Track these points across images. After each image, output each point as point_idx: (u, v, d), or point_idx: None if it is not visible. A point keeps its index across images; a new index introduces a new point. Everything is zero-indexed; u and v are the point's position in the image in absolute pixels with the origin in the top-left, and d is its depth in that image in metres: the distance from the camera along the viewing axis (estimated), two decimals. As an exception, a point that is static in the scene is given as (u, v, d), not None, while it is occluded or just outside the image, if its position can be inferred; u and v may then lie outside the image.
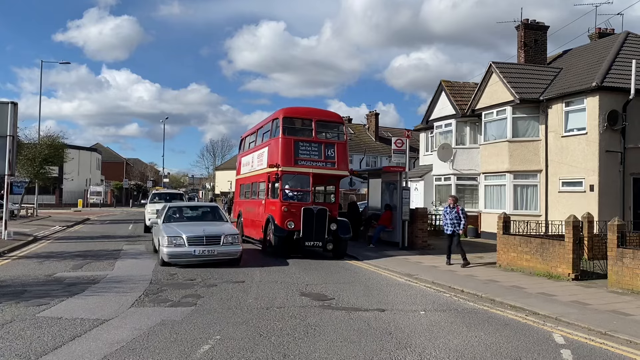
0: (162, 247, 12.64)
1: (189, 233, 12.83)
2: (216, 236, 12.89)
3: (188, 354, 5.98)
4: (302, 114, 17.14)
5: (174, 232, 12.87)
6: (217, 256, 12.75)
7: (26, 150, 31.60)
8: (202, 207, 16.73)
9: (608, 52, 20.04)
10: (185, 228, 13.31)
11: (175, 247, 12.51)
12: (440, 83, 26.37)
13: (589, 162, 18.31)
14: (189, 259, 12.60)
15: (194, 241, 12.63)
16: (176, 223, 14.10)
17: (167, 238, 12.58)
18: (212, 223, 14.53)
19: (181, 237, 12.62)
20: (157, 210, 20.59)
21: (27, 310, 7.89)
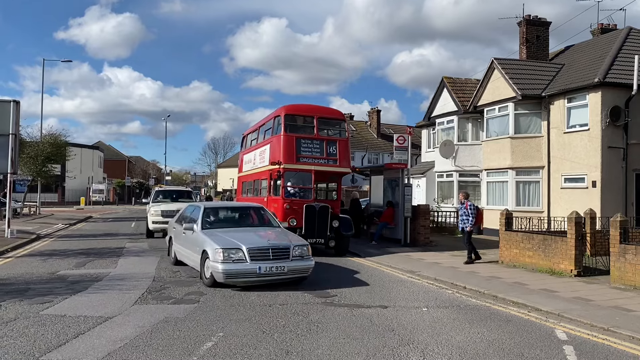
0: (214, 263, 9.50)
1: (251, 244, 9.78)
2: (284, 248, 9.94)
3: (191, 351, 6.00)
4: (303, 111, 17.13)
5: (228, 242, 9.81)
6: (286, 274, 9.78)
7: (29, 148, 31.68)
8: (245, 207, 13.20)
9: (610, 48, 19.99)
10: (239, 236, 10.27)
11: (234, 264, 9.44)
12: (442, 79, 26.34)
13: (592, 158, 18.27)
14: (252, 279, 9.59)
15: (257, 255, 9.64)
16: (221, 229, 11.07)
17: (222, 251, 9.48)
18: (267, 230, 11.52)
19: (240, 249, 9.58)
20: (163, 211, 19.18)
21: (31, 308, 7.92)
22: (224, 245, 9.67)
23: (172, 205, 19.73)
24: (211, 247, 9.80)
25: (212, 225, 11.41)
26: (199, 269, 10.44)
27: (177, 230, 12.44)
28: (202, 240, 10.39)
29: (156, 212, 19.57)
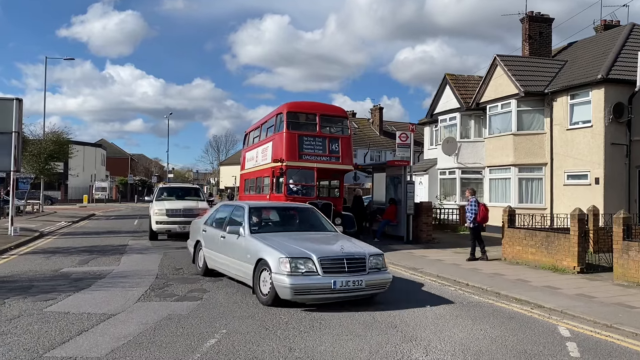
0: (278, 276, 7.84)
1: (322, 252, 8.16)
2: (360, 258, 8.32)
3: (194, 348, 6.02)
4: (306, 108, 17.13)
5: (294, 251, 8.15)
6: (364, 290, 8.13)
7: (31, 146, 31.73)
8: (295, 208, 11.30)
9: (613, 44, 19.92)
10: (303, 243, 8.69)
11: (304, 277, 7.81)
12: (445, 76, 26.30)
13: (595, 155, 18.24)
14: (325, 296, 7.94)
15: (331, 266, 7.99)
16: (274, 234, 9.37)
17: (289, 261, 7.85)
18: (327, 234, 9.88)
19: (311, 259, 7.93)
20: (168, 210, 17.79)
21: (35, 305, 7.95)
22: (290, 254, 7.98)
23: (179, 204, 18.56)
24: (273, 255, 8.06)
25: (261, 228, 9.72)
26: (247, 281, 8.83)
27: (209, 234, 10.71)
28: (255, 247, 8.66)
29: (160, 211, 17.86)
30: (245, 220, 9.46)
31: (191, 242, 11.98)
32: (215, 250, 10.28)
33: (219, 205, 12.02)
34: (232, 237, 9.47)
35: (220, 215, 11.04)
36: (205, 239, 10.93)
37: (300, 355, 5.86)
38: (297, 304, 8.04)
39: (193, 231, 12.16)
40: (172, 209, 17.95)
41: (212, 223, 10.98)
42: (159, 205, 18.30)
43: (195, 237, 11.62)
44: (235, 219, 9.94)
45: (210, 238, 10.66)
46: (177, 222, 17.65)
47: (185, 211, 17.85)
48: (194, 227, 12.17)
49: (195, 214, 16.75)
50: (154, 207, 18.36)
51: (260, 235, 9.12)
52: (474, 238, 13.99)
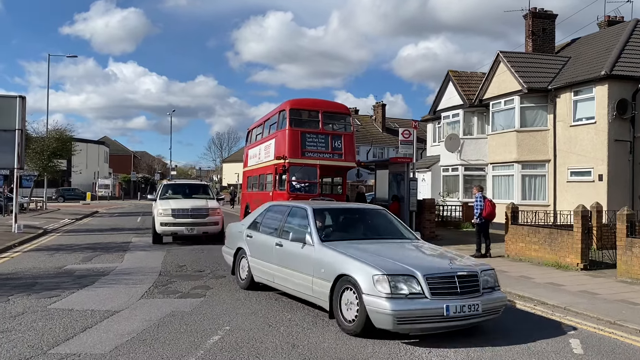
0: (374, 299, 6.12)
1: (427, 268, 6.47)
2: (472, 275, 6.63)
3: (198, 345, 6.03)
4: (308, 105, 17.13)
5: (391, 265, 6.44)
6: (480, 316, 6.47)
7: (35, 143, 31.84)
8: (366, 211, 9.32)
9: (617, 40, 19.85)
10: (397, 256, 7.00)
11: (408, 302, 6.10)
12: (448, 73, 26.25)
13: (598, 152, 18.19)
14: (435, 325, 6.28)
15: (440, 286, 6.29)
16: (350, 242, 7.56)
17: (388, 279, 6.15)
18: (412, 244, 8.14)
19: (414, 276, 6.24)
20: (174, 209, 15.69)
21: (39, 302, 7.97)
22: (388, 270, 6.25)
23: (186, 203, 16.42)
24: (363, 271, 6.34)
25: (331, 236, 7.90)
26: (319, 301, 7.14)
27: (257, 240, 8.97)
28: (333, 259, 6.94)
29: (165, 211, 15.71)
30: (311, 226, 7.75)
31: (229, 248, 10.04)
32: (266, 260, 8.49)
33: (266, 205, 9.74)
34: (293, 245, 7.75)
35: (270, 218, 9.17)
36: (250, 247, 9.17)
37: (304, 352, 5.87)
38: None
39: (231, 236, 10.20)
40: (178, 209, 15.83)
41: (259, 227, 9.18)
42: (164, 204, 16.11)
43: (236, 243, 9.73)
44: (296, 224, 8.30)
45: (258, 246, 8.91)
46: (185, 224, 15.73)
47: (194, 211, 15.94)
48: (232, 232, 10.29)
49: (204, 214, 15.95)
50: (158, 206, 16.09)
51: (334, 244, 7.36)
52: (479, 234, 13.98)
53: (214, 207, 16.42)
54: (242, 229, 9.68)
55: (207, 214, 15.96)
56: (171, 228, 15.78)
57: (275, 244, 8.28)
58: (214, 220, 16.19)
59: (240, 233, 9.67)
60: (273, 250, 8.31)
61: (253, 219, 9.61)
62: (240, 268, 9.47)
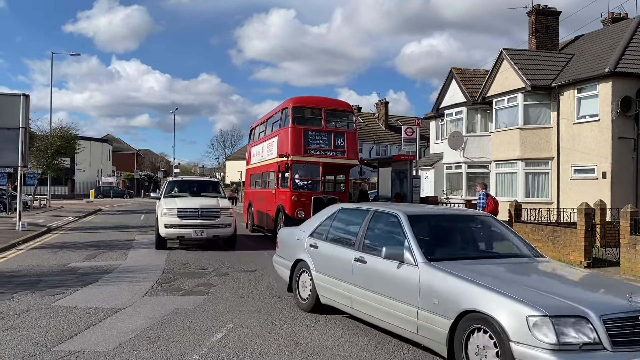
0: (532, 351, 4.33)
1: (601, 306, 4.64)
2: None
3: (201, 342, 6.05)
4: (311, 103, 17.14)
5: (551, 302, 4.60)
6: None
7: (38, 141, 31.91)
8: (469, 218, 7.41)
9: (621, 37, 19.78)
10: (545, 285, 5.30)
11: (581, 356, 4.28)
12: (451, 70, 26.21)
13: (602, 149, 18.15)
14: None
15: (624, 333, 4.45)
16: (460, 262, 5.76)
17: (550, 322, 4.35)
18: (542, 264, 6.21)
19: (586, 318, 4.42)
20: (180, 209, 13.86)
21: (43, 300, 8.00)
22: (551, 309, 4.45)
23: (194, 202, 14.57)
24: (511, 309, 4.57)
25: (436, 252, 5.99)
26: (429, 343, 5.41)
27: (326, 252, 7.20)
28: (452, 287, 5.19)
29: (170, 211, 13.86)
30: (410, 238, 5.90)
31: (284, 259, 8.26)
32: (340, 278, 6.72)
33: (335, 208, 7.89)
34: (384, 264, 5.96)
35: (342, 223, 7.52)
36: (316, 259, 7.35)
37: (307, 349, 5.88)
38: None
39: (287, 244, 8.37)
40: (185, 209, 13.92)
41: (327, 235, 7.43)
42: (169, 203, 14.31)
43: (294, 253, 7.94)
44: (383, 234, 6.62)
45: (328, 259, 7.13)
46: (193, 226, 13.77)
47: (203, 211, 13.96)
48: (286, 238, 8.53)
49: (215, 214, 14.05)
50: (162, 205, 14.31)
51: (445, 265, 5.51)
52: None
53: (225, 207, 14.48)
54: (302, 237, 7.89)
55: (218, 214, 14.07)
56: (177, 230, 13.85)
57: (354, 259, 6.50)
58: (226, 222, 14.21)
59: (299, 242, 7.86)
60: (351, 267, 6.53)
61: (317, 223, 7.80)
62: (299, 285, 7.76)
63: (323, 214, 8.01)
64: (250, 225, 19.93)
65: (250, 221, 19.85)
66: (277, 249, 8.72)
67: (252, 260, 12.40)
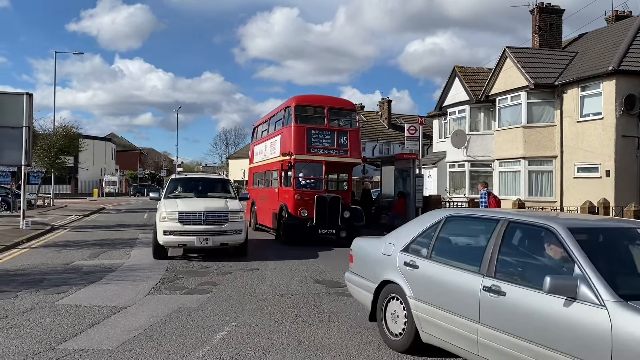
0: None
1: None
2: None
3: (205, 340, 6.06)
4: (314, 101, 17.14)
5: None
6: None
7: (42, 140, 32.02)
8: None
9: (625, 35, 19.72)
10: None
11: None
12: (454, 69, 26.17)
13: (605, 147, 18.11)
14: None
15: None
16: None
17: None
18: None
19: None
20: (181, 213, 11.91)
21: (46, 298, 8.03)
22: None
23: (198, 203, 12.57)
24: None
25: (631, 286, 4.29)
26: None
27: (431, 275, 5.43)
28: None
29: (170, 215, 11.97)
30: (584, 265, 4.13)
31: (363, 279, 6.42)
32: (458, 313, 4.98)
33: (439, 215, 5.89)
34: (540, 300, 4.23)
35: (454, 237, 5.87)
36: (415, 283, 5.57)
37: (310, 348, 5.88)
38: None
39: (367, 259, 6.54)
40: (188, 212, 12.03)
41: (430, 252, 5.56)
42: (169, 205, 12.45)
43: (379, 272, 6.08)
44: (530, 256, 4.99)
45: (435, 284, 5.34)
46: (196, 232, 11.89)
47: (209, 215, 12.03)
48: (365, 251, 6.68)
49: (223, 218, 12.05)
50: (162, 208, 12.46)
51: None
52: None
53: (235, 210, 12.41)
54: (390, 251, 6.02)
55: (226, 218, 12.05)
56: (177, 238, 11.99)
57: (482, 287, 4.76)
58: (236, 228, 12.19)
59: (386, 257, 6.03)
60: (477, 299, 4.78)
61: (414, 234, 5.89)
62: (387, 315, 5.96)
63: (421, 222, 6.12)
64: (253, 223, 19.95)
65: (253, 220, 19.87)
66: (352, 264, 6.89)
67: (254, 259, 12.41)
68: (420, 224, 6.13)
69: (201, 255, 12.64)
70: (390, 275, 5.89)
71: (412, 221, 6.70)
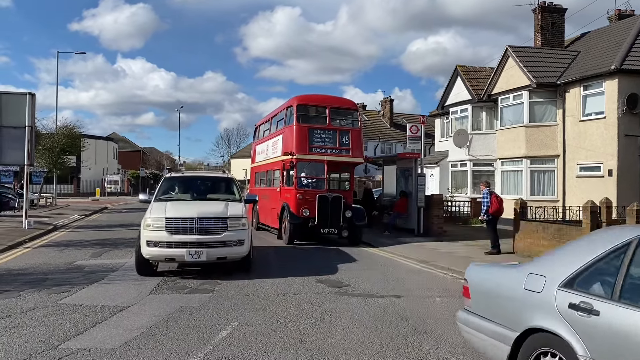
0: None
1: None
2: None
3: (207, 340, 6.07)
4: (316, 101, 17.15)
5: None
6: None
7: (44, 140, 32.09)
8: None
9: (628, 34, 19.66)
10: None
11: None
12: (456, 68, 26.14)
13: (608, 147, 18.07)
14: None
15: None
16: None
17: None
18: None
19: None
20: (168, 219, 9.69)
21: (49, 298, 8.05)
22: None
23: (190, 207, 10.37)
24: None
25: None
26: None
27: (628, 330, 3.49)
28: None
29: (156, 223, 9.82)
30: None
31: (493, 324, 4.63)
32: None
33: (625, 235, 4.02)
34: None
35: None
36: (594, 338, 3.74)
37: (311, 347, 5.89)
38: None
39: (496, 295, 4.76)
40: (177, 219, 9.76)
41: (617, 290, 3.76)
42: (156, 210, 10.19)
43: (521, 317, 4.35)
44: None
45: (636, 345, 3.43)
46: (187, 243, 9.62)
47: (203, 222, 9.77)
48: (493, 283, 4.88)
49: (220, 226, 9.80)
50: (147, 213, 10.27)
51: None
52: (494, 230, 13.75)
53: (237, 215, 10.12)
54: (538, 284, 4.30)
55: (224, 226, 9.80)
56: (164, 251, 9.63)
57: None
58: (237, 238, 9.91)
59: (533, 294, 4.30)
60: None
61: (582, 263, 4.11)
62: None
63: (591, 246, 4.27)
64: (255, 223, 19.96)
65: (256, 219, 19.89)
66: (469, 301, 5.02)
67: (256, 259, 12.41)
68: (590, 247, 4.24)
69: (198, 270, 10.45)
70: (542, 321, 4.14)
71: (571, 244, 4.73)
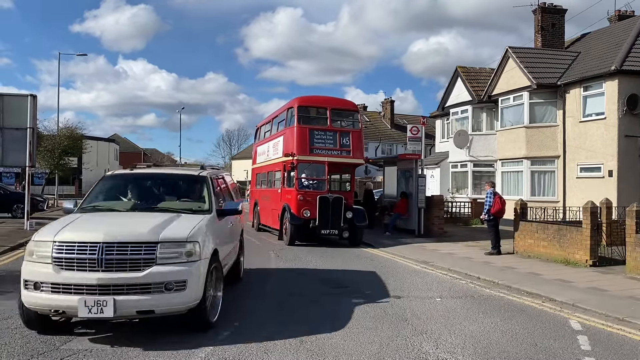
0: None
1: None
2: None
3: (207, 340, 6.10)
4: (316, 102, 17.19)
5: None
6: None
7: (46, 141, 32.15)
8: None
9: (628, 35, 19.68)
10: None
11: None
12: (456, 69, 26.17)
13: (608, 147, 18.09)
14: None
15: None
16: None
17: None
18: None
19: None
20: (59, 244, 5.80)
21: (51, 299, 8.06)
22: None
23: (103, 226, 6.29)
24: None
25: None
26: None
27: None
28: None
29: (40, 249, 6.01)
30: None
31: None
32: None
33: None
34: None
35: None
36: None
37: (312, 347, 5.92)
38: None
39: None
40: (70, 244, 5.85)
41: None
42: (49, 229, 6.39)
43: None
44: None
45: None
46: (83, 287, 5.63)
47: (112, 251, 5.72)
48: None
49: (143, 258, 5.77)
50: (35, 235, 6.44)
51: None
52: (495, 231, 13.74)
53: (176, 239, 6.02)
54: None
55: (150, 257, 5.79)
56: (47, 298, 5.76)
57: None
58: (171, 279, 5.81)
59: None
60: None
61: None
62: None
63: None
64: (256, 224, 20.01)
65: (257, 220, 19.94)
66: None
67: (258, 260, 12.45)
68: None
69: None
70: None
71: None
